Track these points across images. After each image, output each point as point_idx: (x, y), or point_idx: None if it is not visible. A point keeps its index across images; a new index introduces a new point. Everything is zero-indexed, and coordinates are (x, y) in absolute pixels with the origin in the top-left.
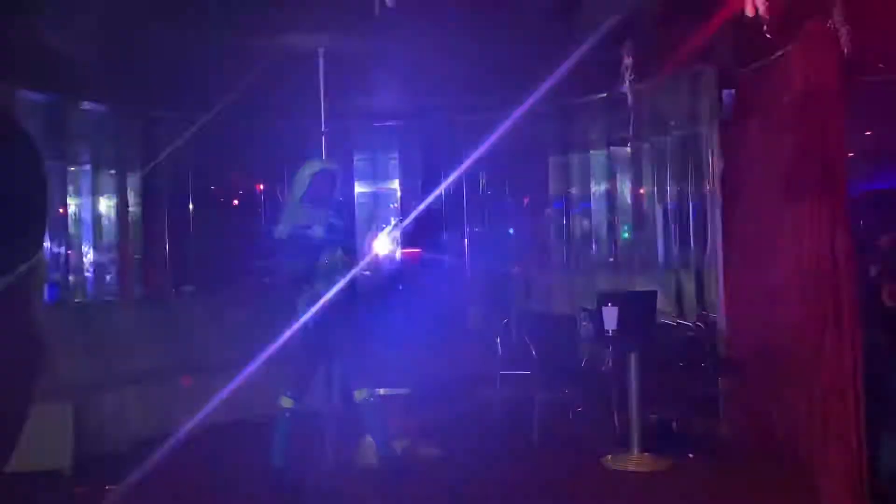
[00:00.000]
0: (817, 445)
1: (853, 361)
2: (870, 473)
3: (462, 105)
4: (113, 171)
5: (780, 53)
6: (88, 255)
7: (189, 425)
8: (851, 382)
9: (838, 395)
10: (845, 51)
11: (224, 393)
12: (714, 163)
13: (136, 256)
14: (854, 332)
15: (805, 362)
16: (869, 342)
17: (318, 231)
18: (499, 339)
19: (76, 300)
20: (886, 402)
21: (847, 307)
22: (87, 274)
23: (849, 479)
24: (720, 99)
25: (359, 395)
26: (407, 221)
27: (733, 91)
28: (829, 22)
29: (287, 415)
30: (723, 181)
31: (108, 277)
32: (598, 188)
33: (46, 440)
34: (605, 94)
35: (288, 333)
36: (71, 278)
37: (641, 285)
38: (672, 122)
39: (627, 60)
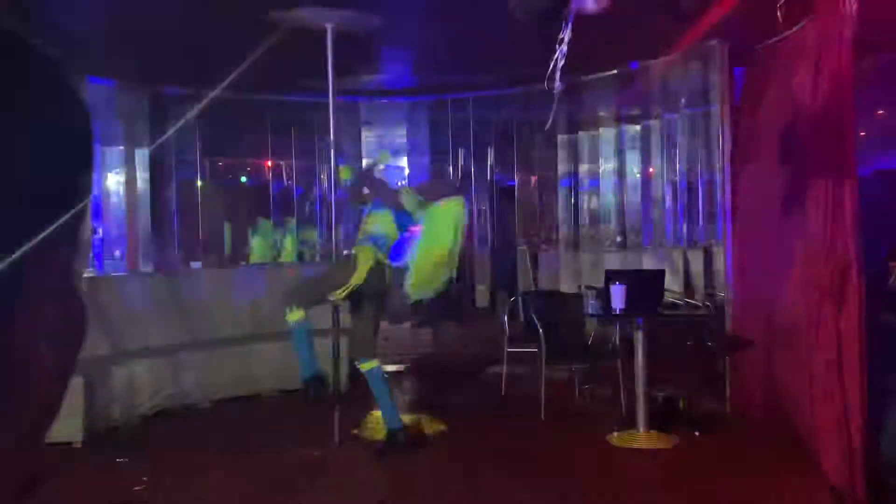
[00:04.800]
0: (815, 413)
1: (858, 339)
2: (873, 457)
3: (471, 82)
4: (121, 147)
5: (793, 30)
6: (98, 231)
7: (198, 399)
8: (849, 355)
9: (835, 366)
10: (849, 27)
11: (232, 368)
12: (724, 141)
13: (144, 232)
14: (860, 311)
15: (806, 340)
16: (877, 323)
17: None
18: (506, 317)
19: (85, 275)
20: (891, 385)
21: (853, 287)
22: (95, 249)
23: (842, 443)
24: (732, 76)
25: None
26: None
27: (745, 68)
28: None
29: (302, 326)
30: (732, 159)
31: (116, 253)
32: (606, 166)
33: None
34: (614, 71)
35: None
36: None
37: (649, 264)
38: (682, 100)
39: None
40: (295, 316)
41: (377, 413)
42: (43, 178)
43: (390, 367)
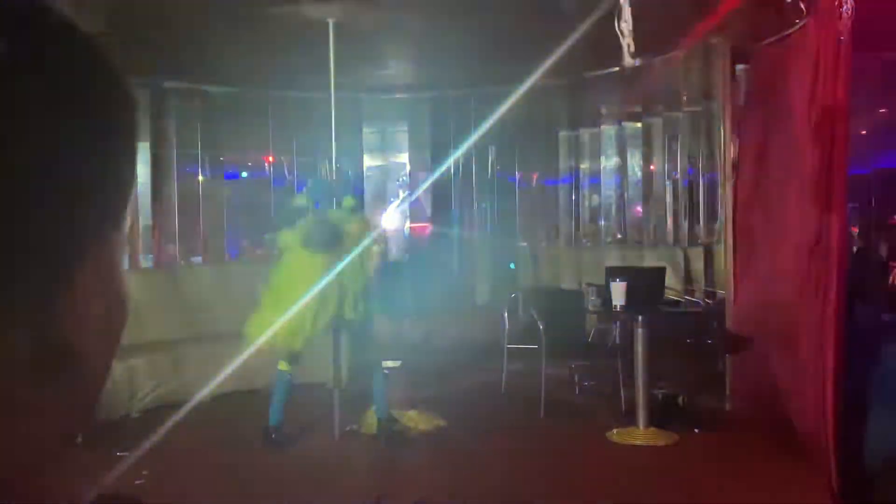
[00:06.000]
0: (799, 416)
1: (833, 336)
2: (860, 453)
3: (472, 78)
4: None
5: (794, 28)
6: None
7: (198, 394)
8: (829, 354)
9: (816, 365)
10: (846, 26)
11: (232, 362)
12: (725, 138)
13: (145, 226)
14: (839, 305)
15: (797, 337)
16: (873, 320)
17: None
18: (506, 314)
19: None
20: (882, 382)
21: (836, 282)
22: None
23: (820, 439)
24: (733, 74)
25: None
26: (416, 195)
27: (747, 66)
28: None
29: (286, 377)
30: (734, 157)
31: None
32: (607, 163)
33: None
34: (616, 68)
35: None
36: None
37: (650, 261)
38: (684, 97)
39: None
40: (283, 367)
41: (372, 411)
42: (89, 168)
43: (389, 364)
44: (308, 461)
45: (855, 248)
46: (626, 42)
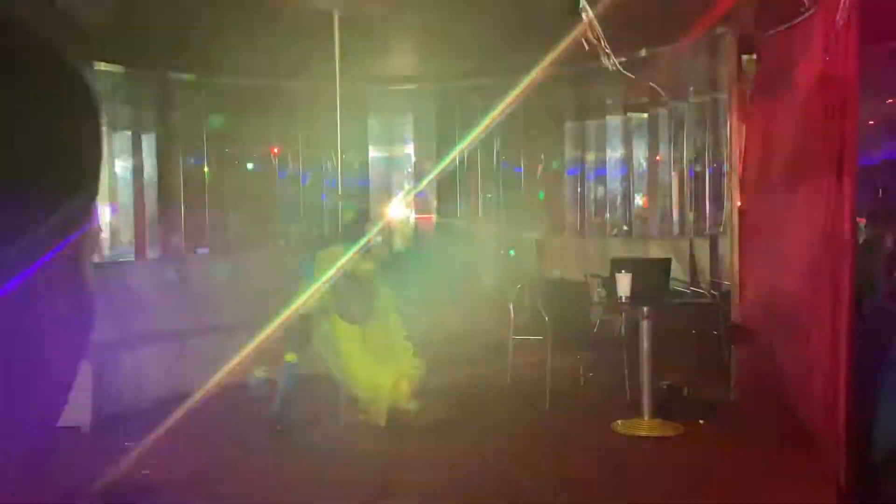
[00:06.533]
0: (807, 408)
1: (845, 330)
2: (866, 444)
3: (477, 69)
4: (128, 133)
5: (802, 17)
6: (104, 217)
7: (204, 385)
8: (841, 347)
9: (827, 358)
10: (852, 11)
11: (239, 353)
12: (732, 130)
13: (151, 218)
14: (849, 302)
15: (805, 329)
16: (880, 311)
17: None
18: (511, 305)
19: (93, 261)
20: (888, 373)
21: (845, 275)
22: (103, 235)
23: (831, 437)
24: (740, 64)
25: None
26: (421, 186)
27: (754, 56)
28: None
29: (293, 369)
30: (740, 148)
31: (124, 239)
32: (613, 154)
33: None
34: (623, 59)
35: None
36: None
37: (655, 252)
38: (691, 88)
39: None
40: (290, 358)
41: None
42: (51, 166)
43: None
44: (313, 451)
45: (861, 240)
46: (601, 48)
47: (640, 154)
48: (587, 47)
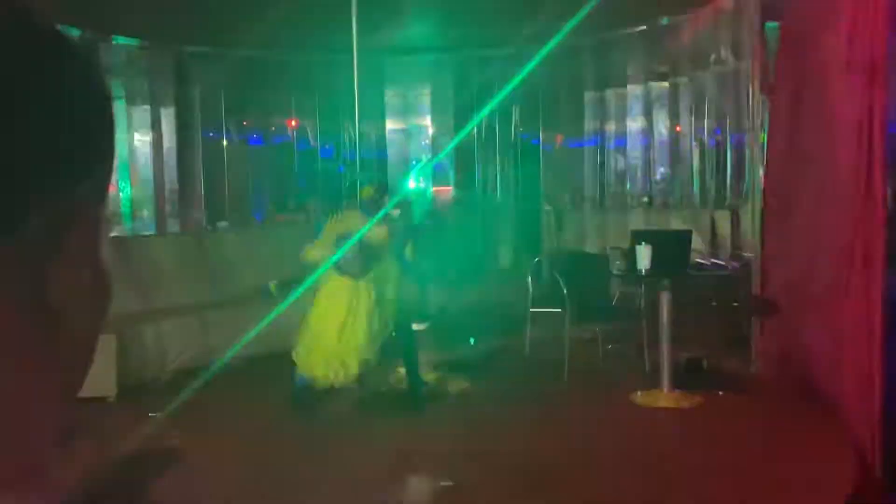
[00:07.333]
0: (836, 381)
1: (879, 302)
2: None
3: (496, 38)
4: (147, 107)
5: None
6: (125, 191)
7: (225, 356)
8: (876, 320)
9: (861, 331)
10: None
11: (259, 326)
12: (753, 99)
13: (171, 191)
14: (882, 274)
15: (835, 305)
16: None
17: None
18: (529, 277)
19: (114, 234)
20: None
21: (878, 250)
22: (123, 209)
23: (864, 410)
24: (762, 31)
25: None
26: (439, 158)
27: (777, 24)
28: None
29: None
30: (763, 118)
31: (144, 212)
32: (634, 125)
33: (92, 369)
34: (643, 27)
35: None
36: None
37: (676, 224)
38: (712, 56)
39: None
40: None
41: (401, 369)
42: (63, 141)
43: (415, 326)
44: (334, 422)
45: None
46: None
47: (661, 124)
48: None
